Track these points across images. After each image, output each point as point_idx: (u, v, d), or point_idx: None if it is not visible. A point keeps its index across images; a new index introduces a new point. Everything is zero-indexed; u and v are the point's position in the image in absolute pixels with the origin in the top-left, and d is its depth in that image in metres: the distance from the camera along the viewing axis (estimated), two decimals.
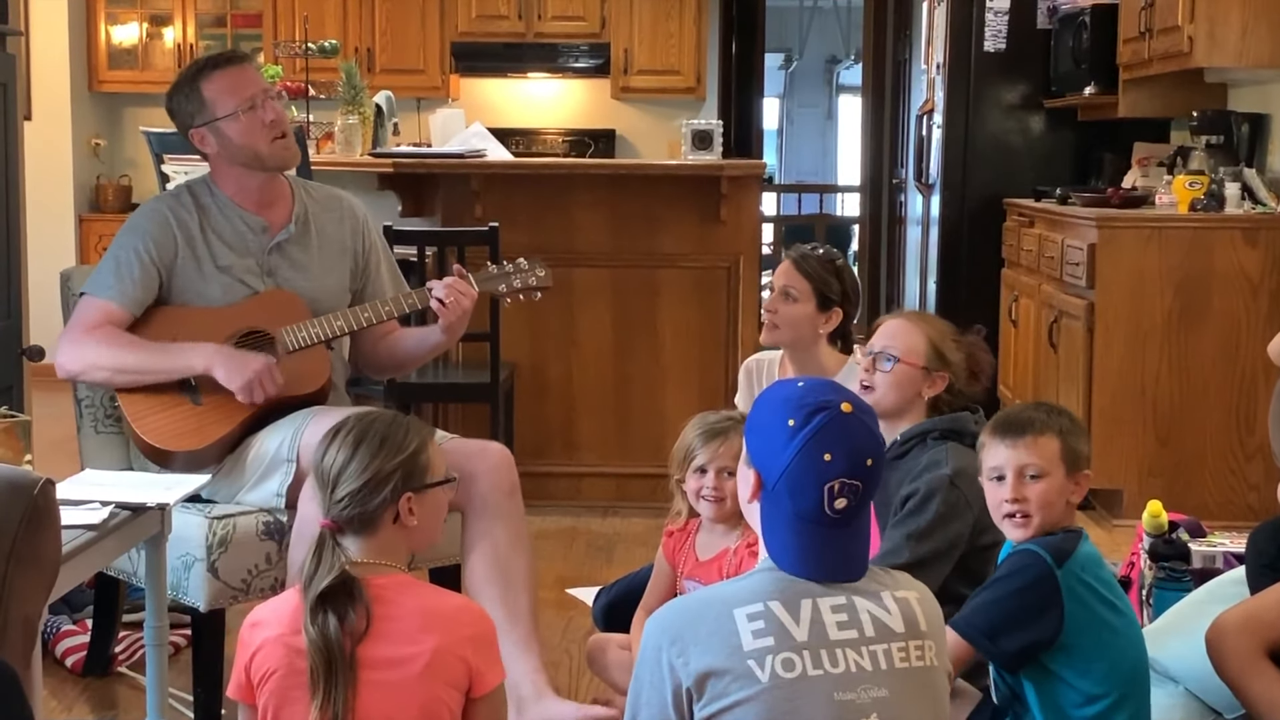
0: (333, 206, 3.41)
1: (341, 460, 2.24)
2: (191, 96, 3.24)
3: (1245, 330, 4.97)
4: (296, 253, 3.30)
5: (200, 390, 3.12)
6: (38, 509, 2.18)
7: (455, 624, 2.21)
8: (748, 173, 5.27)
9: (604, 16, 8.45)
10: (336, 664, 2.13)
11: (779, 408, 1.98)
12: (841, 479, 1.92)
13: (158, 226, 3.22)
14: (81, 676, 3.52)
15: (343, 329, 3.23)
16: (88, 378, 3.19)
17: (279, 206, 3.32)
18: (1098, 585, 2.43)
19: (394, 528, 2.26)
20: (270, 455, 3.08)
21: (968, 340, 3.05)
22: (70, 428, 3.39)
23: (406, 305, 3.30)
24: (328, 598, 2.16)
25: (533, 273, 3.38)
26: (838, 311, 3.49)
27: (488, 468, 3.07)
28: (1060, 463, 2.45)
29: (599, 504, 5.24)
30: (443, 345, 3.38)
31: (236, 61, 3.28)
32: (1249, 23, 5.01)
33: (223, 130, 3.22)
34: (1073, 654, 2.39)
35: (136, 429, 3.11)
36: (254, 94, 3.21)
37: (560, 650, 3.69)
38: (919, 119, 7.62)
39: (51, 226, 7.68)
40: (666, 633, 1.94)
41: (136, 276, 3.17)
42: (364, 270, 3.41)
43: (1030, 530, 2.45)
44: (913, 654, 1.94)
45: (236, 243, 3.26)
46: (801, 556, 1.96)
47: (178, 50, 8.47)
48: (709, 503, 2.81)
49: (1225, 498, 5.01)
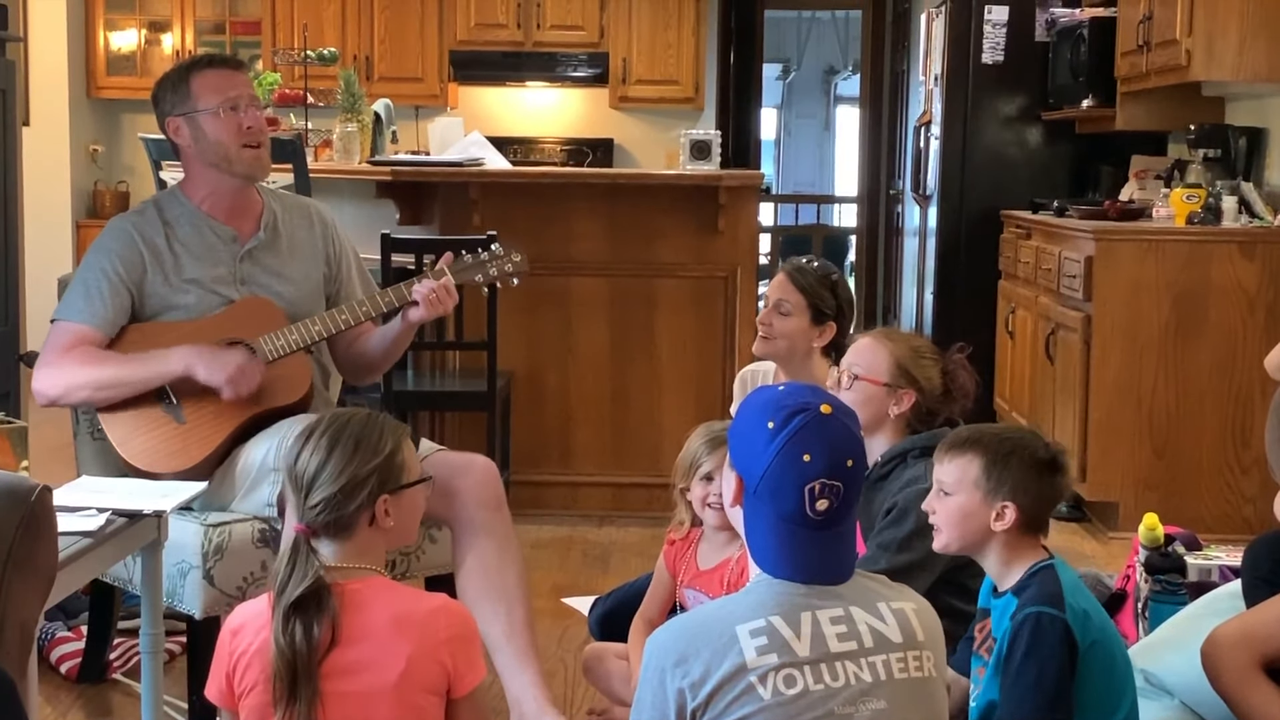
0: (302, 213, 3.40)
1: (316, 464, 2.21)
2: (179, 86, 3.23)
3: (1242, 343, 4.98)
4: (269, 259, 3.28)
5: (182, 407, 3.10)
6: (34, 516, 2.18)
7: (430, 629, 2.18)
8: (745, 183, 5.28)
9: (603, 26, 8.47)
10: (300, 675, 2.11)
11: (759, 411, 1.99)
12: (822, 479, 1.93)
13: (123, 245, 3.20)
14: (77, 683, 3.51)
15: (321, 333, 3.21)
16: (68, 400, 3.15)
17: (248, 215, 3.30)
18: (1090, 606, 2.42)
19: (370, 530, 2.24)
20: (257, 466, 3.06)
21: (948, 359, 3.04)
22: (67, 434, 3.38)
23: (384, 304, 3.27)
24: (299, 606, 2.13)
25: (508, 259, 3.36)
26: (831, 326, 3.50)
27: (472, 483, 3.05)
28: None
29: (595, 513, 5.24)
30: (412, 327, 3.31)
31: (232, 65, 3.29)
32: (1247, 37, 5.02)
33: (200, 123, 3.20)
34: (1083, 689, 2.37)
35: (122, 454, 3.10)
36: (239, 96, 3.20)
37: (556, 660, 3.69)
38: (916, 130, 7.64)
39: (49, 232, 7.68)
40: (670, 653, 1.93)
41: (107, 297, 3.15)
42: (336, 274, 3.39)
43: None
44: (911, 664, 1.94)
45: (205, 254, 3.23)
46: (786, 559, 1.96)
47: (176, 57, 8.47)
48: (715, 510, 2.81)
49: (1221, 511, 5.01)
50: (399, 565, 3.15)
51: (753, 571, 2.02)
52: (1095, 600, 2.47)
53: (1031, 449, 2.45)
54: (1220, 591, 3.21)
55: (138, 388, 3.10)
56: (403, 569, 3.18)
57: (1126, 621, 3.93)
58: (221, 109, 3.19)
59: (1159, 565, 3.77)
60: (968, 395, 3.03)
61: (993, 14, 6.69)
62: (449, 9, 8.43)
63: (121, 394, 3.10)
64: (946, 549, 2.47)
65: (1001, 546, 2.44)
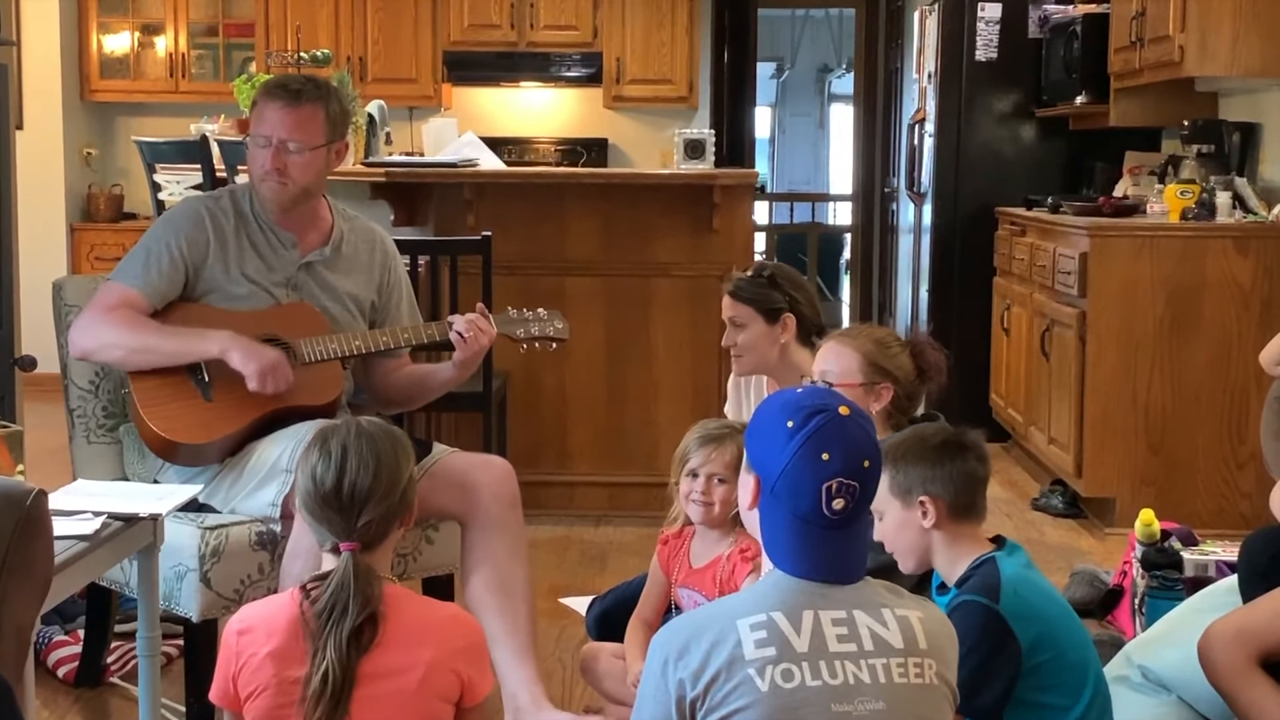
0: (367, 238, 3.44)
1: (368, 480, 2.19)
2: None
3: (1237, 339, 4.98)
4: (326, 274, 3.32)
5: (213, 385, 3.13)
6: (30, 520, 2.18)
7: (448, 636, 2.20)
8: (740, 182, 5.28)
9: (596, 26, 8.46)
10: (340, 684, 2.11)
11: (778, 411, 2.02)
12: (839, 479, 1.95)
13: (192, 224, 3.24)
14: (74, 687, 3.51)
15: (360, 349, 3.24)
16: (100, 356, 3.18)
17: (315, 228, 3.34)
18: (1035, 596, 2.43)
19: (396, 534, 2.27)
20: (270, 464, 3.07)
21: (913, 340, 3.05)
22: (62, 438, 3.38)
23: (425, 335, 3.31)
24: (357, 628, 2.13)
25: (551, 323, 3.41)
26: (789, 317, 3.47)
27: (491, 479, 3.12)
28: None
29: (592, 513, 5.24)
30: (453, 381, 3.39)
31: (283, 98, 3.22)
32: (1240, 32, 5.02)
33: (248, 145, 3.29)
34: (1040, 673, 2.38)
35: (145, 417, 3.10)
36: (270, 134, 3.20)
37: (553, 659, 3.69)
38: (911, 128, 7.64)
39: (43, 236, 7.68)
40: (672, 646, 1.95)
41: (165, 269, 3.19)
42: (385, 303, 3.43)
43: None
44: (911, 670, 1.95)
45: (268, 254, 3.28)
46: (801, 557, 1.98)
47: (169, 60, 8.47)
48: (697, 506, 2.82)
49: (1217, 506, 5.01)
50: (396, 567, 3.15)
51: (766, 569, 2.03)
52: (1042, 590, 2.47)
53: (924, 437, 2.50)
54: (1216, 587, 3.21)
55: (171, 360, 3.12)
56: (400, 570, 3.19)
57: (1124, 617, 3.94)
58: (253, 141, 3.24)
59: (1155, 561, 3.78)
60: (941, 371, 3.04)
61: (986, 11, 6.70)
62: (442, 10, 8.42)
63: (153, 362, 3.12)
64: (911, 570, 2.51)
65: (942, 544, 2.48)
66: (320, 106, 3.23)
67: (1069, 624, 2.47)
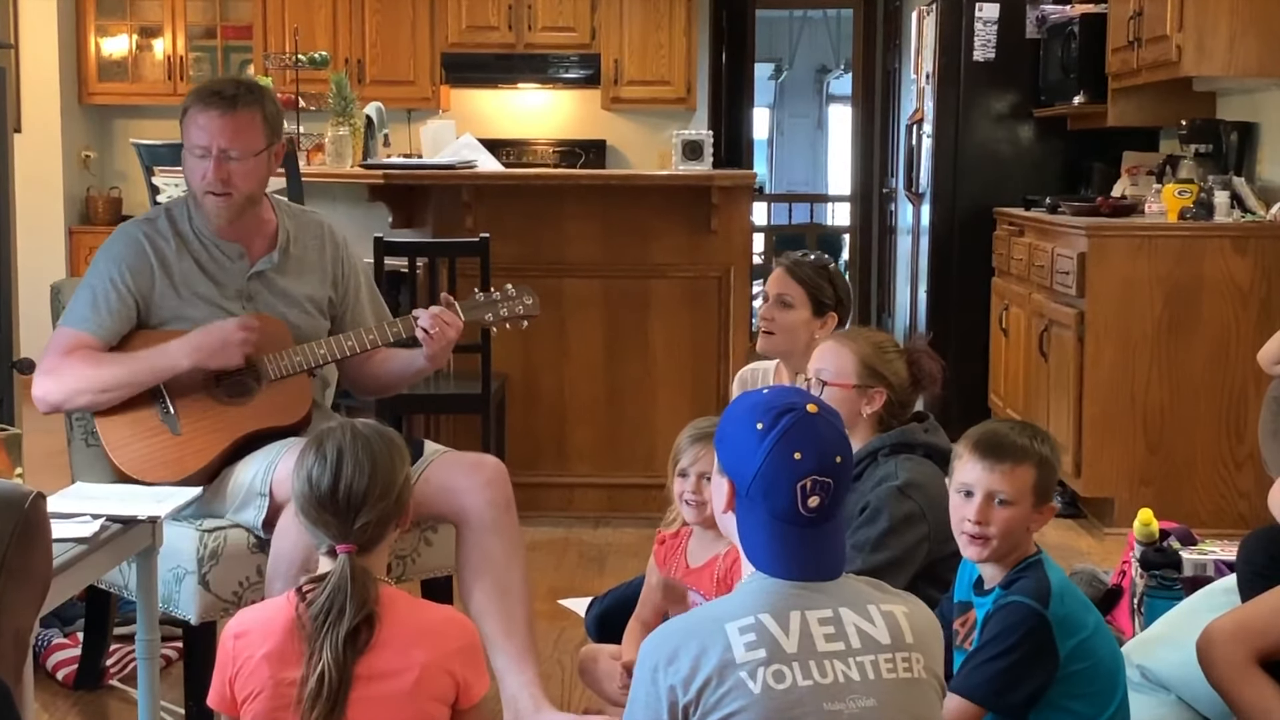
0: (314, 232, 3.36)
1: (363, 483, 2.19)
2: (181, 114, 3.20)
3: (1235, 338, 4.98)
4: (278, 280, 3.26)
5: (179, 417, 3.10)
6: (28, 522, 2.17)
7: (443, 638, 2.21)
8: (738, 183, 5.28)
9: (594, 27, 8.46)
10: (336, 686, 2.11)
11: (746, 414, 2.02)
12: (813, 476, 1.95)
13: (133, 253, 3.17)
14: (73, 690, 3.51)
15: (326, 358, 3.20)
16: (71, 405, 3.14)
17: (259, 234, 3.26)
18: (1077, 605, 2.44)
19: (392, 536, 2.27)
20: (245, 487, 3.05)
21: (910, 348, 3.05)
22: (61, 441, 3.38)
23: (390, 334, 3.26)
24: (354, 630, 2.13)
25: (520, 300, 3.35)
26: (833, 316, 3.51)
27: (483, 481, 3.08)
28: (1031, 494, 2.44)
29: (591, 515, 5.24)
30: (426, 370, 3.34)
31: (218, 106, 3.11)
32: (1237, 32, 5.03)
33: (184, 156, 3.19)
34: (1074, 680, 2.39)
35: (114, 459, 3.09)
36: (206, 146, 3.10)
37: (552, 661, 3.69)
38: (909, 128, 7.64)
39: (42, 239, 7.68)
40: (661, 652, 1.95)
41: (114, 306, 3.13)
42: (344, 297, 3.36)
43: (986, 553, 2.45)
44: (899, 665, 1.95)
45: (214, 270, 3.22)
46: (781, 558, 1.98)
47: (168, 62, 8.47)
48: (689, 506, 2.81)
49: (1216, 506, 5.02)
50: (394, 569, 3.15)
51: (746, 572, 2.03)
52: (1082, 599, 2.48)
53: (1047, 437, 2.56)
54: (1215, 586, 3.22)
55: (140, 388, 3.09)
56: (399, 572, 3.18)
57: (1122, 617, 3.94)
58: (189, 153, 3.14)
59: (1154, 561, 3.78)
60: (935, 381, 3.04)
61: (983, 11, 6.70)
62: (440, 12, 8.42)
63: (124, 396, 3.09)
64: (987, 559, 2.47)
65: (1026, 541, 2.49)
66: (257, 110, 3.14)
67: (1105, 635, 2.48)
